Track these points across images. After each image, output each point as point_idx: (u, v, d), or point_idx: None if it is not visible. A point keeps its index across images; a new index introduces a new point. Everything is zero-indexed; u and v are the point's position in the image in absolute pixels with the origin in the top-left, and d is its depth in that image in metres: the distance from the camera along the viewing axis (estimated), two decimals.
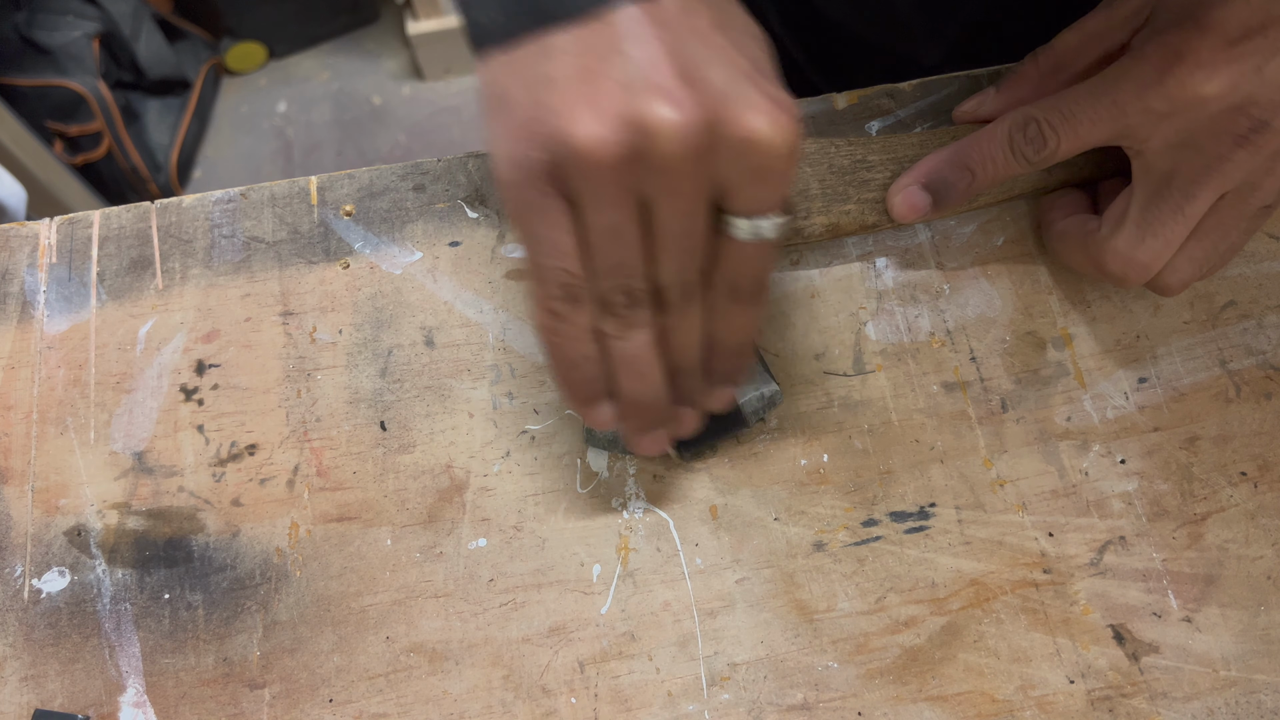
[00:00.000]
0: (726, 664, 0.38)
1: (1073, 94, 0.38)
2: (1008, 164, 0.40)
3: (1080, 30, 0.41)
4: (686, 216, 0.28)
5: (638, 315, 0.31)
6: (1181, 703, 0.38)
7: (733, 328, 0.33)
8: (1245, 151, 0.35)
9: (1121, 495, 0.40)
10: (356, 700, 0.37)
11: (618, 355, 0.32)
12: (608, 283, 0.30)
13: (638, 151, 0.26)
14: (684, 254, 0.29)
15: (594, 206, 0.28)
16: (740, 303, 0.32)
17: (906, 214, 0.41)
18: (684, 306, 0.31)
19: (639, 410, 0.34)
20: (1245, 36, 0.34)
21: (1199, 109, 0.35)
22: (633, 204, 0.28)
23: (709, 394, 0.36)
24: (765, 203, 0.29)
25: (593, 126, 0.26)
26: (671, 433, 0.36)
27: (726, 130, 0.26)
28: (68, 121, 1.56)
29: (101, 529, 0.39)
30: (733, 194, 0.28)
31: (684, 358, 0.33)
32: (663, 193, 0.27)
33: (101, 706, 0.37)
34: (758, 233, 0.29)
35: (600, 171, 0.26)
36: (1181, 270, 0.39)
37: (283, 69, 1.95)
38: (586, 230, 0.28)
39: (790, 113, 0.27)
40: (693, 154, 0.26)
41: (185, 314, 0.43)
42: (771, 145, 0.26)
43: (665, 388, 0.33)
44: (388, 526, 0.40)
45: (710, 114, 0.26)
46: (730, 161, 0.27)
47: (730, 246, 0.30)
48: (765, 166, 0.27)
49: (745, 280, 0.31)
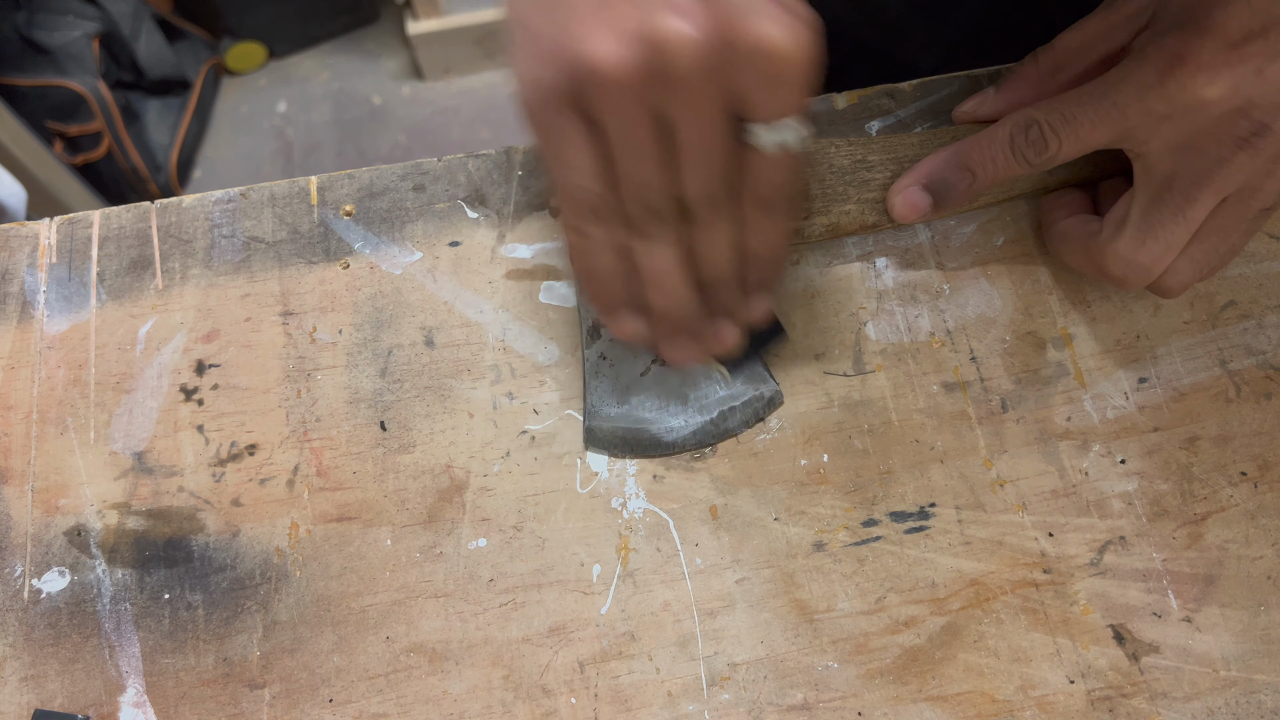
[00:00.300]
0: (726, 664, 0.38)
1: (1074, 96, 0.38)
2: (1009, 165, 0.40)
3: (1081, 32, 0.41)
4: (705, 129, 0.29)
5: (663, 230, 0.32)
6: (1181, 703, 0.38)
7: (762, 237, 0.34)
8: (1246, 154, 0.35)
9: (1121, 495, 0.40)
10: (356, 700, 0.37)
11: (644, 269, 0.33)
12: (631, 199, 0.31)
13: (653, 67, 0.27)
14: (706, 167, 0.30)
15: (614, 124, 0.29)
16: (767, 212, 0.32)
17: (907, 214, 0.41)
18: (710, 219, 0.32)
19: (668, 322, 0.35)
20: (1246, 39, 0.34)
21: (1200, 112, 0.35)
22: (652, 120, 0.28)
23: (746, 304, 0.37)
24: (783, 109, 0.29)
25: (608, 45, 0.27)
26: (712, 346, 0.37)
27: (739, 40, 0.27)
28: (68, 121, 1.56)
29: (101, 529, 0.39)
30: (750, 103, 0.29)
31: (715, 270, 0.34)
32: (680, 106, 0.28)
33: (101, 706, 0.37)
34: (778, 141, 0.30)
35: (617, 89, 0.27)
36: (1182, 272, 0.39)
37: (283, 69, 1.95)
38: (609, 148, 0.29)
39: (803, 18, 0.27)
40: (707, 66, 0.27)
41: (185, 314, 0.43)
42: (784, 51, 0.27)
43: (693, 300, 0.35)
44: (388, 526, 0.40)
45: (722, 25, 0.27)
46: (745, 71, 0.27)
47: (753, 157, 0.30)
48: (780, 73, 0.27)
49: (770, 190, 0.32)
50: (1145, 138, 0.36)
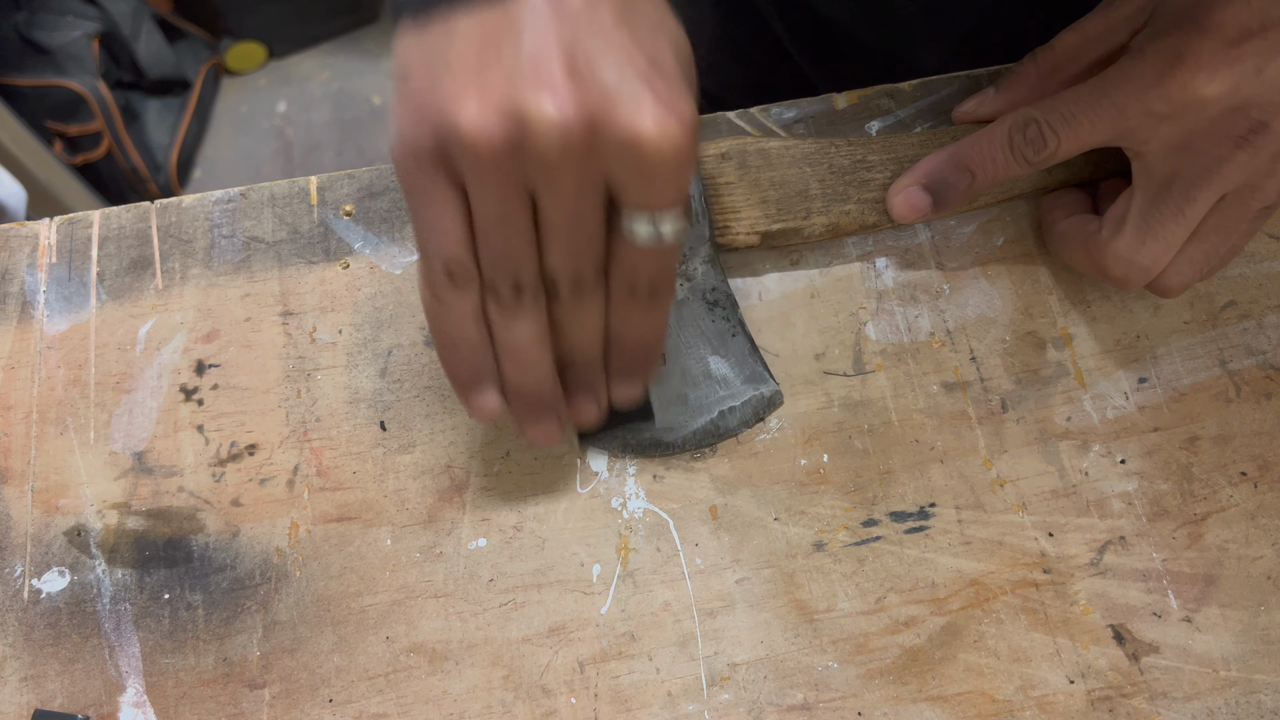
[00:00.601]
0: (726, 664, 0.38)
1: (1073, 95, 0.38)
2: (1008, 165, 0.40)
3: (1080, 31, 0.41)
4: (572, 210, 0.28)
5: (524, 304, 0.31)
6: (1181, 703, 0.38)
7: (633, 325, 0.33)
8: (1245, 153, 0.35)
9: (1121, 495, 0.40)
10: (356, 700, 0.37)
11: (502, 342, 0.32)
12: (494, 269, 0.30)
13: (516, 142, 0.26)
14: (573, 247, 0.29)
15: (479, 193, 0.28)
16: (639, 300, 0.32)
17: (906, 214, 0.41)
18: (576, 299, 0.31)
19: (524, 399, 0.34)
20: (1245, 38, 0.34)
21: (1199, 111, 0.35)
22: (518, 193, 0.28)
23: (613, 387, 0.36)
24: (655, 203, 0.28)
25: (475, 114, 0.26)
26: (571, 422, 0.36)
27: (608, 128, 0.26)
28: (68, 121, 1.56)
29: (101, 529, 0.39)
30: (623, 191, 0.28)
31: (579, 350, 0.33)
32: (546, 185, 0.27)
33: (101, 706, 0.37)
34: (653, 234, 0.29)
35: (482, 159, 0.27)
36: (1182, 272, 0.39)
37: (283, 69, 1.95)
38: (474, 216, 0.29)
39: (680, 114, 0.26)
40: (572, 147, 0.26)
41: (185, 314, 0.43)
42: (655, 146, 0.26)
43: (552, 378, 0.33)
44: (388, 526, 0.40)
45: (593, 109, 0.26)
46: (615, 160, 0.27)
47: (624, 244, 0.30)
48: (652, 165, 0.27)
49: (642, 280, 0.31)
50: (1144, 136, 0.36)
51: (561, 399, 0.35)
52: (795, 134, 0.46)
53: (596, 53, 0.26)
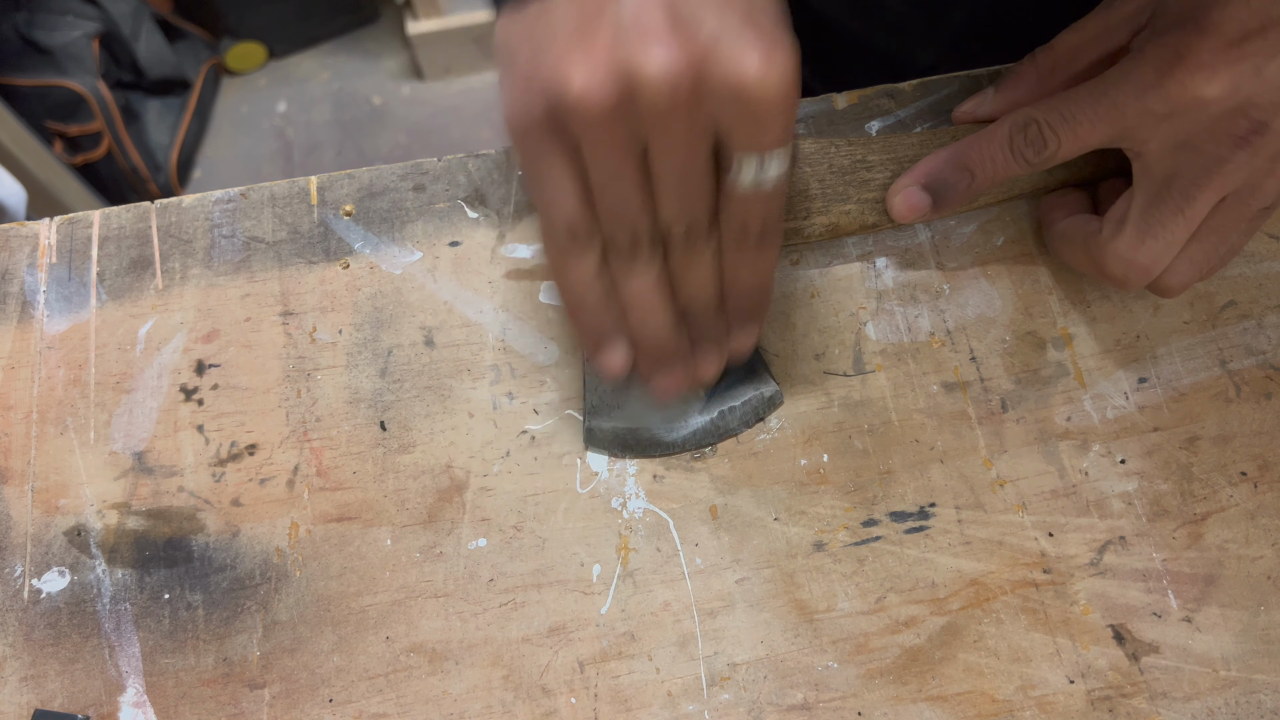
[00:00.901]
0: (726, 664, 0.38)
1: (1073, 95, 0.38)
2: (1007, 165, 0.40)
3: (1080, 31, 0.41)
4: (684, 160, 0.29)
5: (643, 256, 0.32)
6: (1181, 703, 0.38)
7: (745, 269, 0.34)
8: (1245, 153, 0.35)
9: (1121, 495, 0.40)
10: (356, 700, 0.37)
11: (625, 295, 0.33)
12: (612, 225, 0.31)
13: (628, 98, 0.27)
14: (686, 197, 0.30)
15: (593, 152, 0.29)
16: (750, 245, 0.32)
17: (906, 214, 0.41)
18: (691, 248, 0.32)
19: (650, 349, 0.35)
20: (1245, 38, 0.34)
21: (1199, 111, 0.35)
22: (631, 149, 0.28)
23: (732, 335, 0.37)
24: (764, 143, 0.29)
25: (585, 75, 0.27)
26: (691, 374, 0.37)
27: (717, 73, 0.27)
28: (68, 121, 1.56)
29: (101, 529, 0.39)
30: (731, 136, 0.29)
31: (697, 298, 0.34)
32: (658, 137, 0.28)
33: (101, 706, 0.37)
34: (760, 175, 0.29)
35: (594, 119, 0.27)
36: (1182, 272, 0.39)
37: (283, 69, 1.95)
38: (589, 176, 0.29)
39: (784, 51, 0.27)
40: (683, 98, 0.27)
41: (185, 314, 0.43)
42: (763, 85, 0.27)
43: (675, 327, 0.35)
44: (388, 526, 0.40)
45: (699, 58, 0.26)
46: (724, 104, 0.27)
47: (734, 190, 0.30)
48: (759, 107, 0.27)
49: (753, 222, 0.32)
50: (1144, 137, 0.36)
51: (687, 347, 0.36)
52: (795, 134, 0.46)
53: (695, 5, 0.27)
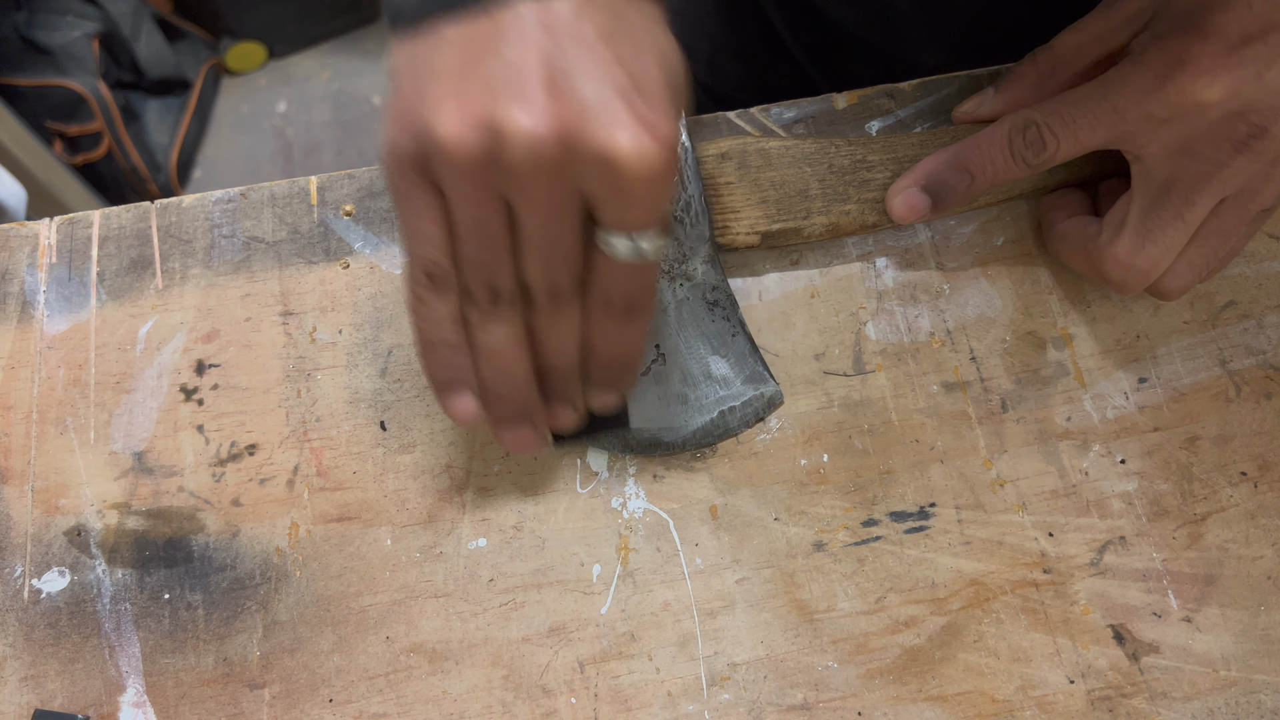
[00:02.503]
0: (726, 664, 0.38)
1: (1073, 98, 0.38)
2: (1007, 167, 0.40)
3: (1080, 32, 0.41)
4: (547, 223, 0.28)
5: (501, 310, 0.31)
6: (1181, 703, 0.38)
7: (608, 339, 0.33)
8: (1244, 158, 0.35)
9: (1121, 495, 0.40)
10: (356, 700, 0.37)
11: (479, 346, 0.32)
12: (471, 275, 0.30)
13: (491, 153, 0.26)
14: (549, 259, 0.29)
15: (457, 201, 0.28)
16: (615, 316, 0.32)
17: (906, 215, 0.41)
18: (553, 310, 0.31)
19: (500, 403, 0.34)
20: (1245, 42, 0.34)
21: (1199, 115, 0.35)
22: (495, 203, 0.28)
23: (589, 396, 0.36)
24: (632, 221, 0.28)
25: (452, 123, 0.26)
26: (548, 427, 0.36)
27: (584, 143, 0.26)
28: (68, 121, 1.56)
29: (101, 529, 0.39)
30: (598, 209, 0.28)
31: (555, 359, 0.33)
32: (520, 197, 0.27)
33: (101, 706, 0.37)
34: (630, 251, 0.29)
35: (458, 168, 0.27)
36: (1181, 275, 0.39)
37: (283, 69, 1.95)
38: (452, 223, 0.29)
39: (658, 134, 0.26)
40: (544, 163, 0.26)
41: (185, 314, 0.43)
42: (630, 165, 0.26)
43: (528, 384, 0.34)
44: (388, 526, 0.40)
45: (568, 124, 0.26)
46: (590, 177, 0.27)
47: (602, 259, 0.30)
48: (627, 184, 0.26)
49: (618, 295, 0.31)
50: (1144, 140, 0.36)
51: (539, 406, 0.35)
52: (795, 134, 0.46)
53: (577, 67, 0.26)
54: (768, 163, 0.42)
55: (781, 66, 0.63)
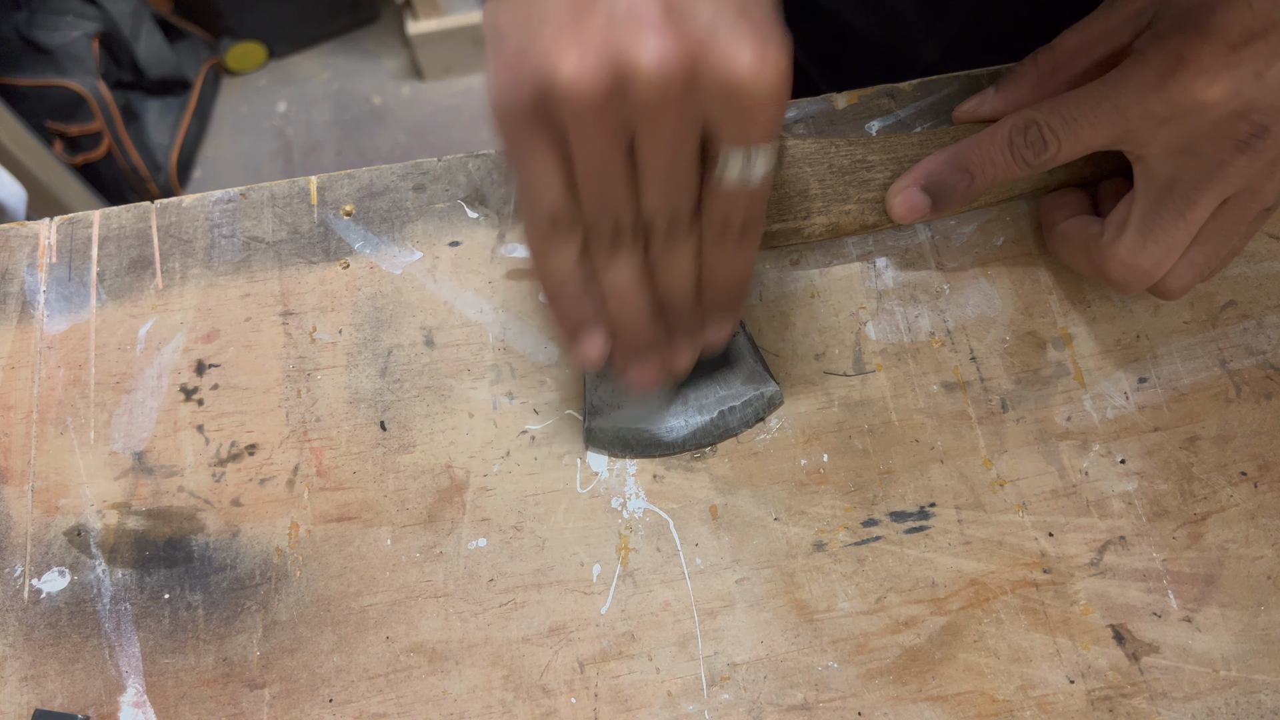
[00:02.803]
0: (726, 664, 0.38)
1: (1074, 98, 0.38)
2: (1007, 167, 0.40)
3: (1081, 32, 0.41)
4: (671, 152, 0.29)
5: (625, 246, 0.32)
6: (1181, 703, 0.38)
7: (725, 263, 0.33)
8: (1246, 157, 0.35)
9: (1121, 495, 0.40)
10: (356, 700, 0.37)
11: (605, 283, 0.33)
12: (595, 215, 0.30)
13: (619, 88, 0.27)
14: (670, 189, 0.30)
15: (579, 141, 0.28)
16: (731, 239, 0.32)
17: (906, 215, 0.41)
18: (673, 240, 0.32)
19: (627, 339, 0.35)
20: (1246, 41, 0.34)
21: (1200, 114, 0.35)
22: (618, 139, 0.28)
23: (708, 327, 0.36)
24: (753, 138, 0.29)
25: (576, 63, 0.26)
26: (667, 364, 0.37)
27: (709, 66, 0.26)
28: (68, 121, 1.56)
29: (101, 529, 0.39)
30: (720, 130, 0.28)
31: (675, 290, 0.34)
32: (646, 128, 0.28)
33: (101, 706, 0.37)
34: (746, 170, 0.29)
35: (583, 107, 0.27)
36: (1183, 275, 0.39)
37: (283, 69, 1.95)
38: (574, 163, 0.29)
39: (776, 47, 0.27)
40: (674, 90, 0.26)
41: (185, 314, 0.43)
42: (755, 80, 0.26)
43: (653, 317, 0.34)
44: (388, 526, 0.40)
45: (693, 50, 0.26)
46: (714, 97, 0.27)
47: (719, 185, 0.30)
48: (750, 102, 0.27)
49: (735, 217, 0.31)
50: (1145, 140, 0.36)
51: (663, 339, 0.36)
52: (795, 134, 0.46)
53: None
54: None
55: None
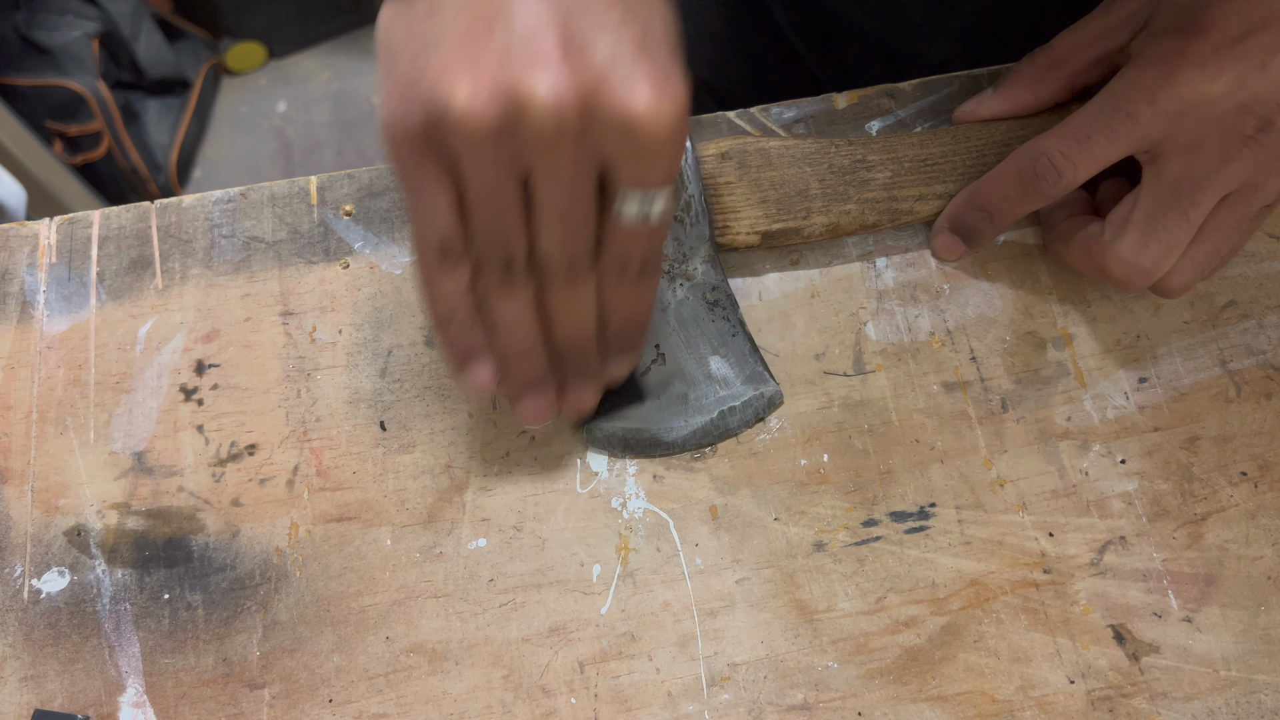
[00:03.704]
0: (726, 664, 0.38)
1: (1081, 117, 0.38)
2: (1024, 200, 0.40)
3: (1080, 30, 0.41)
4: (566, 190, 0.28)
5: (515, 281, 0.31)
6: (1181, 703, 0.38)
7: (623, 303, 0.33)
8: (1250, 151, 0.35)
9: (1122, 495, 0.40)
10: (356, 700, 0.37)
11: (495, 318, 0.32)
12: (485, 246, 0.30)
13: (511, 123, 0.26)
14: (565, 227, 0.29)
15: (470, 173, 0.27)
16: (629, 279, 0.32)
17: (948, 256, 0.43)
18: (569, 278, 0.31)
19: (516, 374, 0.34)
20: (1246, 35, 0.34)
21: (1206, 109, 0.35)
22: (510, 173, 0.27)
23: (606, 365, 0.36)
24: (649, 180, 0.28)
25: (467, 94, 0.26)
26: (570, 406, 0.36)
27: (604, 105, 0.26)
28: (67, 121, 1.56)
29: (101, 529, 0.39)
30: (617, 170, 0.28)
31: (572, 328, 0.33)
32: (539, 165, 0.27)
33: (101, 706, 0.37)
34: (645, 211, 0.29)
35: (474, 140, 0.26)
36: (1184, 273, 0.38)
37: (283, 69, 1.95)
38: (466, 196, 0.28)
39: (674, 91, 0.26)
40: (568, 128, 0.26)
41: (185, 314, 0.43)
42: (649, 124, 0.26)
43: (543, 352, 0.34)
44: (388, 526, 0.40)
45: (588, 88, 0.26)
46: (610, 137, 0.26)
47: (616, 224, 0.29)
48: (647, 142, 0.26)
49: (633, 257, 0.31)
50: (1159, 139, 0.36)
51: (550, 376, 0.35)
52: (795, 134, 0.46)
53: (590, 29, 0.26)
54: (768, 163, 0.42)
55: (784, 63, 0.63)
